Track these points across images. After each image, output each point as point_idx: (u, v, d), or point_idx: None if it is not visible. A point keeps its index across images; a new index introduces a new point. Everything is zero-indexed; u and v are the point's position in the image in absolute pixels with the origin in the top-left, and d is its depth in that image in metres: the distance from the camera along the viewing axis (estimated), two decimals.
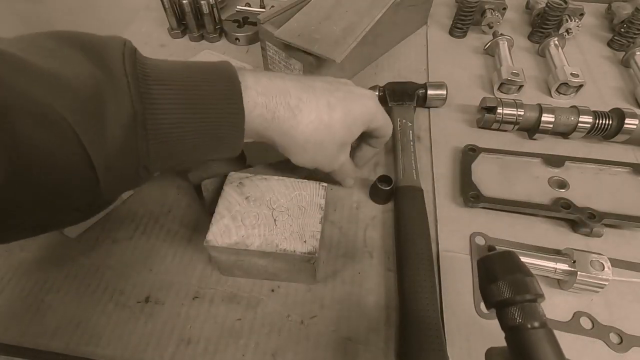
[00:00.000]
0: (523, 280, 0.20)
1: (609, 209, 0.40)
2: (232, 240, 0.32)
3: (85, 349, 0.33)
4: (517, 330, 0.19)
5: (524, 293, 0.19)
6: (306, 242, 0.32)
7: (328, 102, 0.32)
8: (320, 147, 0.33)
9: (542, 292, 0.20)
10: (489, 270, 0.21)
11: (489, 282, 0.21)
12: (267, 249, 0.31)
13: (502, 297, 0.20)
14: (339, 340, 0.34)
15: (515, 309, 0.20)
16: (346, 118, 0.33)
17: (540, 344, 0.19)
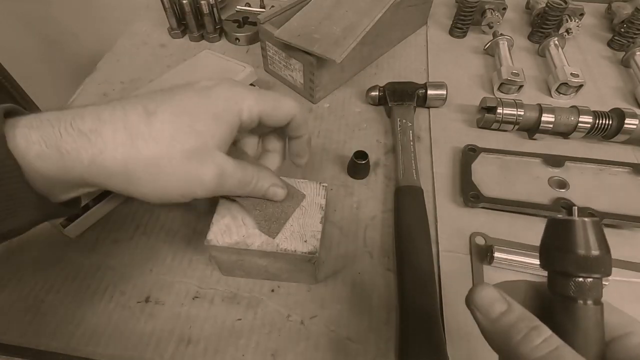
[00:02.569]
0: (601, 258, 0.18)
1: (609, 209, 0.40)
2: (232, 239, 0.31)
3: (85, 349, 0.33)
4: (573, 300, 0.18)
5: (597, 272, 0.18)
6: (307, 242, 0.32)
7: (144, 108, 0.24)
8: (155, 170, 0.24)
9: (610, 268, 0.18)
10: (564, 234, 0.18)
11: (561, 249, 0.18)
12: (268, 249, 0.31)
13: (571, 270, 0.18)
14: (339, 340, 0.34)
15: (579, 282, 0.18)
16: (180, 119, 0.24)
17: (589, 318, 0.18)
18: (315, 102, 0.54)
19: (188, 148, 0.24)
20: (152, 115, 0.24)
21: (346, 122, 0.52)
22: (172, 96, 0.25)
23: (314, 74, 0.50)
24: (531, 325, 0.18)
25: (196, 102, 0.25)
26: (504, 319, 0.19)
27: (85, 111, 0.23)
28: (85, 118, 0.23)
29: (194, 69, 0.52)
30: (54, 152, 0.22)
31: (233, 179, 0.27)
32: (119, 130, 0.23)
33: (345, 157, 0.47)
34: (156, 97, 0.25)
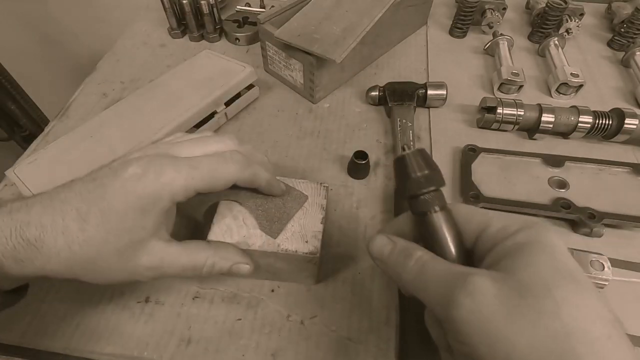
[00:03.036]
0: (431, 175, 0.23)
1: (609, 209, 0.40)
2: (233, 240, 0.31)
3: (85, 349, 0.33)
4: (424, 214, 0.23)
5: (431, 186, 0.22)
6: (308, 242, 0.32)
7: (78, 213, 0.25)
8: (94, 268, 0.26)
9: (443, 180, 0.23)
10: (404, 168, 0.23)
11: (403, 178, 0.23)
12: (269, 249, 0.31)
13: (413, 190, 0.23)
14: (339, 340, 0.34)
15: (423, 199, 0.22)
16: (109, 222, 0.25)
17: (439, 223, 0.22)
18: (315, 102, 0.54)
19: (120, 246, 0.26)
20: (84, 222, 0.25)
21: (346, 122, 0.52)
22: (101, 197, 0.25)
23: (314, 74, 0.50)
24: (407, 254, 0.22)
25: (123, 201, 0.25)
26: (391, 257, 0.23)
27: (31, 217, 0.25)
28: (31, 225, 0.24)
29: (194, 69, 0.52)
30: (12, 262, 0.24)
31: (175, 266, 0.28)
32: (59, 237, 0.25)
33: (345, 157, 0.47)
34: (88, 196, 0.25)
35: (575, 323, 0.17)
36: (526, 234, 0.20)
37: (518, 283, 0.18)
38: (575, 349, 0.16)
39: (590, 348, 0.17)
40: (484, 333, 0.18)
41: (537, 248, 0.19)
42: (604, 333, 0.17)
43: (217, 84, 0.49)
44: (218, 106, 0.49)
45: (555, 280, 0.18)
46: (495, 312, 0.18)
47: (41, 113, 1.09)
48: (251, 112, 0.54)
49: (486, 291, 0.18)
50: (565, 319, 0.17)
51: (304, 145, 0.49)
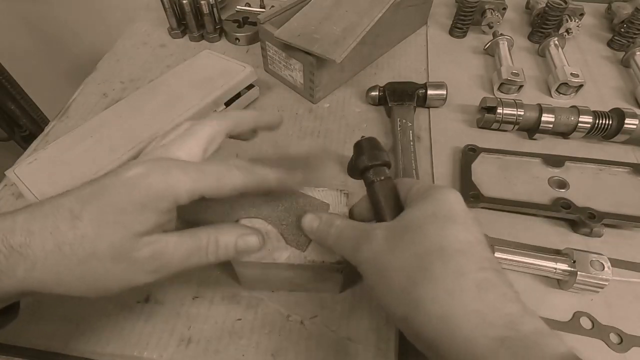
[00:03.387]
0: (377, 153, 0.29)
1: (609, 209, 0.40)
2: (259, 254, 0.30)
3: (85, 349, 0.33)
4: (371, 183, 0.28)
5: (376, 160, 0.28)
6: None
7: (70, 212, 0.23)
8: (86, 268, 0.24)
9: (388, 160, 0.29)
10: (359, 149, 0.30)
11: (357, 157, 0.29)
12: (296, 262, 0.30)
13: (364, 164, 0.29)
14: (339, 340, 0.34)
15: (371, 171, 0.28)
16: (105, 216, 0.23)
17: (382, 188, 0.28)
18: (315, 102, 0.54)
19: (115, 240, 0.24)
20: (77, 219, 0.23)
21: (346, 122, 0.52)
22: (100, 193, 0.24)
23: (314, 74, 0.50)
24: (328, 224, 0.28)
25: (123, 195, 0.24)
26: (319, 228, 0.29)
27: (16, 224, 0.23)
28: (16, 232, 0.22)
29: (194, 69, 0.52)
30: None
31: (179, 252, 0.26)
32: (47, 239, 0.23)
33: (345, 157, 0.47)
34: (84, 196, 0.24)
35: (434, 245, 0.22)
36: (428, 191, 0.25)
37: (402, 226, 0.24)
38: (431, 262, 0.21)
39: (439, 260, 0.21)
40: (375, 267, 0.24)
41: (427, 200, 0.24)
42: (458, 249, 0.21)
43: (217, 84, 0.49)
44: (218, 106, 0.49)
45: (427, 220, 0.23)
46: (383, 250, 0.23)
47: (41, 113, 1.09)
48: None
49: (379, 237, 0.24)
50: (427, 243, 0.22)
51: (304, 145, 0.49)
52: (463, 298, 0.20)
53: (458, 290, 0.20)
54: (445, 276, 0.21)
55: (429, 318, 0.21)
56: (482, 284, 0.20)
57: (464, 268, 0.21)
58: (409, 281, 0.22)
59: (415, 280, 0.21)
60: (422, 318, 0.21)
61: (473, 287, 0.20)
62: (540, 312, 0.35)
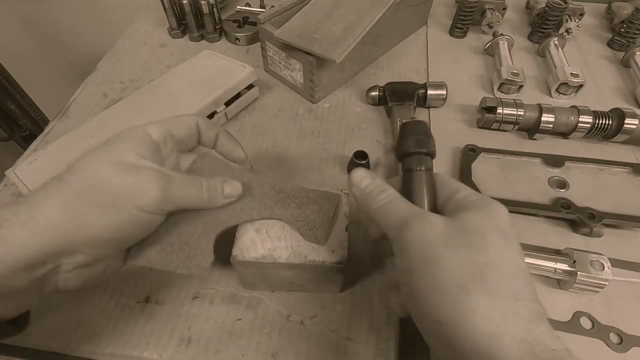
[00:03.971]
0: (424, 140, 0.27)
1: (609, 209, 0.40)
2: (259, 254, 0.30)
3: (85, 349, 0.33)
4: (409, 170, 0.27)
5: (421, 148, 0.27)
6: (334, 251, 0.31)
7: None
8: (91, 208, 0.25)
9: (434, 149, 0.27)
10: (404, 132, 0.28)
11: (402, 139, 0.28)
12: (296, 261, 0.30)
13: (407, 149, 0.27)
14: (339, 340, 0.34)
15: (413, 158, 0.27)
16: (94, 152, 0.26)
17: (421, 179, 0.26)
18: (315, 102, 0.54)
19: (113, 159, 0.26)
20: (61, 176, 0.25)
21: (346, 122, 0.52)
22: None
23: (314, 74, 0.50)
24: (381, 189, 0.27)
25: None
26: (368, 188, 0.27)
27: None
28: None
29: (194, 69, 0.52)
30: None
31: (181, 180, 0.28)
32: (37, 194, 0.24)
33: (345, 157, 0.47)
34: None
35: (493, 259, 0.21)
36: (481, 201, 0.25)
37: (461, 226, 0.23)
38: (487, 276, 0.21)
39: (498, 278, 0.21)
40: (423, 251, 0.23)
41: (484, 210, 0.24)
42: (514, 272, 0.22)
43: (217, 84, 0.49)
44: (218, 106, 0.49)
45: (488, 230, 0.23)
46: (437, 239, 0.22)
47: (41, 113, 1.09)
48: (251, 112, 0.54)
49: (435, 224, 0.23)
50: (488, 254, 0.22)
51: (304, 145, 0.49)
52: (516, 324, 0.20)
53: (512, 315, 0.20)
54: (503, 296, 0.20)
55: (474, 332, 0.20)
56: (535, 315, 0.20)
57: (521, 294, 0.21)
58: (462, 286, 0.21)
59: (469, 288, 0.21)
60: (464, 329, 0.20)
61: (526, 315, 0.20)
62: None
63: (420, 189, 0.26)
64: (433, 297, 0.22)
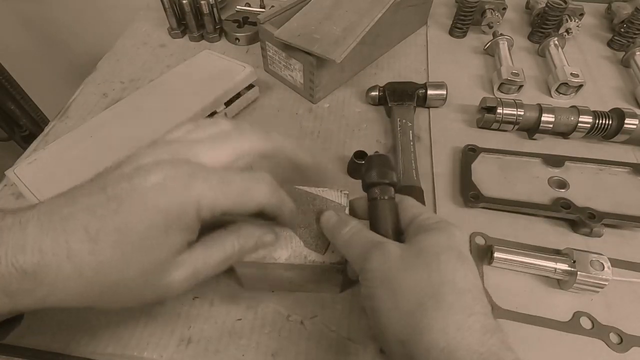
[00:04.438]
0: (387, 172, 0.29)
1: (609, 209, 0.40)
2: (259, 254, 0.30)
3: (85, 349, 0.33)
4: (374, 199, 0.29)
5: (384, 179, 0.29)
6: (334, 251, 0.31)
7: (86, 232, 0.21)
8: (113, 295, 0.23)
9: (397, 181, 0.29)
10: (369, 164, 0.30)
11: (367, 170, 0.30)
12: (296, 262, 0.30)
13: (371, 180, 0.29)
14: (339, 340, 0.34)
15: (377, 189, 0.29)
16: (126, 242, 0.21)
17: (385, 207, 0.28)
18: (315, 102, 0.54)
19: (145, 267, 0.22)
20: (94, 243, 0.21)
21: (346, 122, 0.52)
22: (115, 209, 0.21)
23: (314, 74, 0.50)
24: (344, 223, 0.28)
25: (143, 217, 0.21)
26: (334, 226, 0.29)
27: (25, 238, 0.20)
28: (27, 250, 0.20)
29: (194, 69, 0.52)
30: (1, 295, 0.20)
31: (210, 266, 0.25)
32: (64, 264, 0.20)
33: (345, 157, 0.47)
34: (96, 210, 0.21)
35: (448, 277, 0.23)
36: (438, 224, 0.26)
37: (418, 249, 0.24)
38: (442, 293, 0.22)
39: (452, 294, 0.22)
40: (383, 280, 0.24)
41: (441, 232, 0.25)
42: (468, 288, 0.23)
43: (217, 84, 0.49)
44: (218, 106, 0.49)
45: (443, 250, 0.24)
46: (396, 264, 0.24)
47: (41, 113, 1.09)
48: (251, 112, 0.54)
49: (393, 252, 0.24)
50: (442, 273, 0.23)
51: (303, 145, 0.49)
52: (470, 337, 0.21)
53: (466, 328, 0.21)
54: (456, 311, 0.21)
55: (431, 347, 0.21)
56: (487, 328, 0.21)
57: (474, 308, 0.22)
58: (419, 306, 0.22)
59: (425, 306, 0.22)
60: (423, 345, 0.21)
61: (479, 329, 0.21)
62: (540, 312, 0.35)
63: (383, 216, 0.28)
64: (394, 317, 0.23)
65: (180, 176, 0.22)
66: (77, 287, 0.21)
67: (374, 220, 0.29)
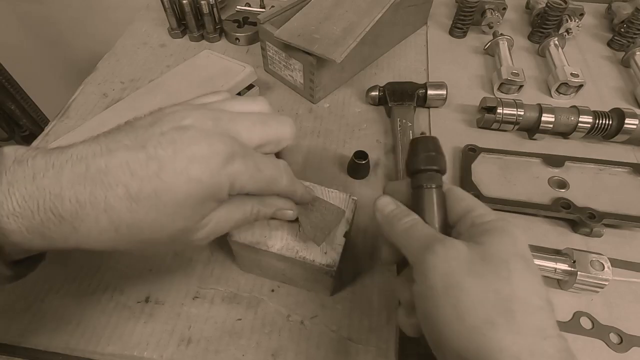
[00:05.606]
0: (435, 157, 0.26)
1: (609, 209, 0.40)
2: (254, 238, 0.31)
3: (85, 349, 0.33)
4: (419, 187, 0.26)
5: (431, 165, 0.26)
6: (327, 253, 0.31)
7: (126, 190, 0.21)
8: (146, 246, 0.24)
9: (445, 166, 0.27)
10: (414, 148, 0.27)
11: (412, 155, 0.27)
12: (287, 254, 0.31)
13: (417, 166, 0.26)
14: (339, 340, 0.34)
15: (423, 175, 0.26)
16: (164, 207, 0.22)
17: (430, 198, 0.26)
18: (315, 102, 0.54)
19: (175, 232, 0.23)
20: (133, 202, 0.21)
21: (346, 122, 0.52)
22: (157, 172, 0.21)
23: (314, 74, 0.50)
24: (405, 213, 0.26)
25: (184, 187, 0.22)
26: (392, 213, 0.27)
27: (63, 188, 0.20)
28: (64, 199, 0.20)
29: (194, 69, 0.52)
30: (38, 237, 0.21)
31: (229, 224, 0.26)
32: (101, 216, 0.21)
33: (345, 157, 0.47)
34: (138, 171, 0.21)
35: (519, 291, 0.21)
36: (498, 223, 0.24)
37: (484, 253, 0.22)
38: (514, 310, 0.20)
39: (525, 313, 0.20)
40: (446, 278, 0.22)
41: (504, 234, 0.23)
42: (540, 305, 0.21)
43: (217, 84, 0.49)
44: None
45: (513, 258, 0.22)
46: (461, 266, 0.22)
47: (41, 113, 1.09)
48: None
49: (459, 250, 0.22)
50: (512, 285, 0.21)
51: (303, 145, 0.49)
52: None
53: (540, 354, 0.19)
54: (529, 332, 0.20)
55: None
56: (562, 353, 0.20)
57: (547, 331, 0.20)
58: (487, 323, 0.20)
59: (495, 323, 0.20)
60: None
61: (555, 354, 0.19)
62: None
63: (430, 207, 0.26)
64: (456, 330, 0.21)
65: (223, 152, 0.22)
66: (110, 240, 0.22)
67: (419, 211, 0.26)
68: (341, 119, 0.52)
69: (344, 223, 0.33)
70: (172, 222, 0.23)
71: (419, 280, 0.23)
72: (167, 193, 0.21)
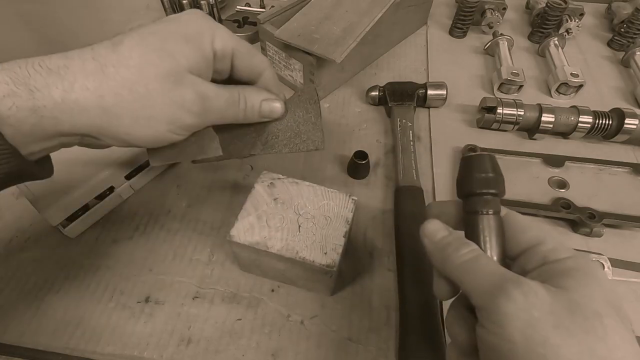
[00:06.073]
0: (492, 179, 0.23)
1: (609, 209, 0.40)
2: (254, 239, 0.32)
3: (85, 349, 0.33)
4: (474, 213, 0.23)
5: (492, 189, 0.23)
6: (327, 254, 0.31)
7: (111, 41, 0.24)
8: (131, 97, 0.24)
9: (504, 189, 0.24)
10: (468, 167, 0.24)
11: (465, 175, 0.24)
12: (287, 254, 0.31)
13: (471, 189, 0.23)
14: (339, 340, 0.34)
15: (479, 199, 0.23)
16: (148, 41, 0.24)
17: (488, 226, 0.23)
18: None
19: (162, 70, 0.24)
20: (119, 45, 0.24)
21: (346, 122, 0.52)
22: (138, 28, 0.25)
23: (314, 74, 0.50)
24: (462, 242, 0.23)
25: (164, 26, 0.25)
26: (444, 240, 0.23)
27: (52, 55, 0.23)
28: (53, 57, 0.23)
29: None
30: (24, 91, 0.21)
31: (219, 100, 0.27)
32: (88, 60, 0.23)
33: (345, 157, 0.47)
34: (123, 33, 0.25)
35: (617, 351, 0.18)
36: (577, 261, 0.20)
37: (570, 301, 0.19)
38: None
39: None
40: (528, 331, 0.18)
41: (588, 276, 0.20)
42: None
43: None
44: None
45: (606, 309, 0.18)
46: (545, 318, 0.18)
47: None
48: None
49: (540, 296, 0.19)
50: (610, 346, 0.18)
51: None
52: None
53: None
54: None
55: None
56: None
57: None
58: None
59: None
60: None
61: None
62: None
63: (489, 237, 0.22)
64: None
65: (199, 13, 0.27)
66: (97, 87, 0.23)
67: (474, 240, 0.23)
68: (341, 119, 0.52)
69: (344, 223, 0.33)
70: (158, 58, 0.24)
71: (492, 329, 0.19)
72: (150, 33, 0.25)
